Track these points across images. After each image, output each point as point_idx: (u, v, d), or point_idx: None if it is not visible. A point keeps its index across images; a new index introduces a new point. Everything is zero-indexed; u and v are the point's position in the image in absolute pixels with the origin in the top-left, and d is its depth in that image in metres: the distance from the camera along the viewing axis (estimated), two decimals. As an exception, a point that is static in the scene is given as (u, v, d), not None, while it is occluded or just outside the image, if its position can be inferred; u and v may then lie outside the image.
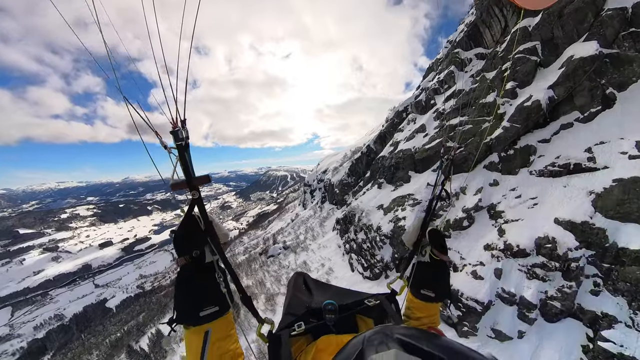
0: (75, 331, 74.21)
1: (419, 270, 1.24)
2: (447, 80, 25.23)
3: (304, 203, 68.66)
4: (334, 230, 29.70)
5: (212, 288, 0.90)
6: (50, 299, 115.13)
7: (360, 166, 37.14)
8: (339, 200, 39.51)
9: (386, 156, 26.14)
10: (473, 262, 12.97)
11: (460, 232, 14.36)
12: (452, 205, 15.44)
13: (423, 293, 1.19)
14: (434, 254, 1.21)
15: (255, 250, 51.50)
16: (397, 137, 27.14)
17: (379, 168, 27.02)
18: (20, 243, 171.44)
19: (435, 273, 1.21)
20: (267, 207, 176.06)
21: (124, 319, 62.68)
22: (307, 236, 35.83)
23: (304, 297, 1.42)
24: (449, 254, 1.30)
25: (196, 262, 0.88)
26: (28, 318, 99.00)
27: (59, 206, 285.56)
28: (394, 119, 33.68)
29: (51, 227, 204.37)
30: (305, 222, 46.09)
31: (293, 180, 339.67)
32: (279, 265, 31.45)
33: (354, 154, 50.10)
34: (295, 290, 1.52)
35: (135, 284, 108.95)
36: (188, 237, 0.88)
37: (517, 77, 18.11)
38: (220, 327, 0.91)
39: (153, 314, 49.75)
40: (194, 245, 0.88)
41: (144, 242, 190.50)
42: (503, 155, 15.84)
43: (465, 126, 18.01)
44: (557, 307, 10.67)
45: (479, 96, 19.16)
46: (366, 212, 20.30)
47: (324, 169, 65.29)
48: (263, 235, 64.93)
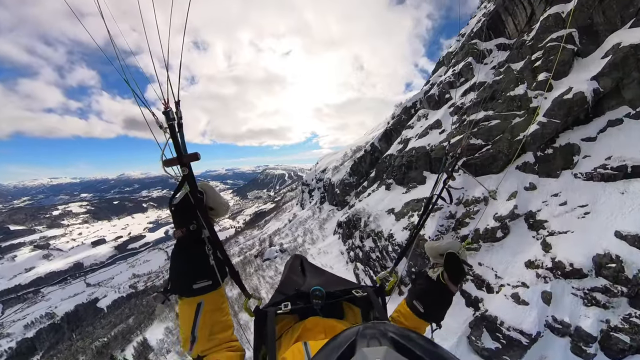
0: (67, 330, 72.80)
1: (421, 281, 1.20)
2: (464, 72, 23.02)
3: (302, 203, 66.21)
4: (335, 234, 27.33)
5: (206, 262, 0.91)
6: (42, 296, 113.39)
7: (363, 165, 34.84)
8: (339, 201, 37.18)
9: (395, 155, 23.84)
10: (513, 282, 10.73)
11: (492, 244, 12.11)
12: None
13: (414, 304, 1.16)
14: (443, 278, 1.13)
15: (250, 251, 49.05)
16: (406, 134, 24.87)
17: (386, 168, 24.72)
18: (11, 239, 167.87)
19: (434, 293, 1.15)
20: (264, 206, 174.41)
21: (112, 321, 60.97)
22: (306, 239, 33.42)
23: (298, 279, 1.42)
24: (481, 270, 1.48)
25: (192, 234, 0.90)
26: (19, 316, 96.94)
27: (51, 203, 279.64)
28: (401, 116, 31.43)
29: (42, 224, 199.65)
30: (304, 224, 43.69)
31: (291, 179, 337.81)
32: (275, 271, 29.03)
33: (356, 153, 47.80)
34: (290, 271, 1.53)
35: (128, 284, 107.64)
36: (187, 210, 0.88)
37: (551, 67, 15.95)
38: (212, 300, 0.94)
39: (142, 318, 47.62)
40: (193, 217, 0.89)
41: (138, 240, 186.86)
42: (540, 155, 13.62)
43: (492, 121, 15.78)
44: (623, 342, 8.54)
45: (505, 88, 16.93)
46: (374, 217, 17.96)
47: (323, 168, 62.90)
48: (259, 236, 62.43)
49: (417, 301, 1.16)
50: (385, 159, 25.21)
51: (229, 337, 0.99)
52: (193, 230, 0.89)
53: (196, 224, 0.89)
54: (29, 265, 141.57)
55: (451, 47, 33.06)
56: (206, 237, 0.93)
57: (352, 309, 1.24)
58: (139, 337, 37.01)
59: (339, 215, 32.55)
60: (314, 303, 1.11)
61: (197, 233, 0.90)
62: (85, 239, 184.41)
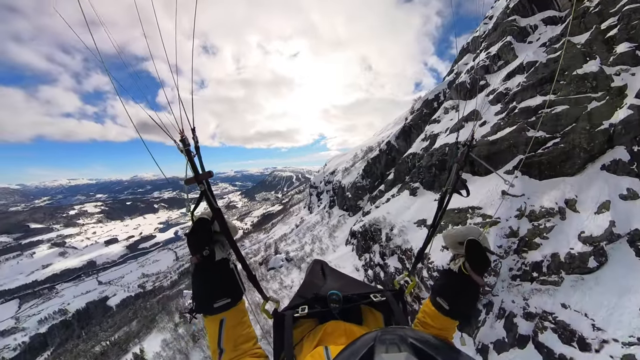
0: (77, 328, 73.76)
1: (443, 277, 1.15)
2: (502, 54, 19.27)
3: (309, 206, 63.07)
4: (347, 244, 23.91)
5: (223, 282, 0.99)
6: (56, 293, 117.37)
7: (378, 166, 31.31)
8: (351, 206, 33.73)
9: (419, 153, 20.28)
10: (623, 338, 7.13)
11: (582, 277, 8.47)
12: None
13: (438, 301, 1.10)
14: (465, 268, 1.06)
15: (255, 257, 46.33)
16: (432, 130, 21.26)
17: (408, 169, 21.19)
18: (30, 237, 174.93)
19: (458, 287, 1.08)
20: (271, 208, 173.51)
21: (117, 323, 60.85)
22: (314, 248, 30.15)
23: (318, 282, 1.41)
24: (567, 316, 1.50)
25: (207, 259, 0.97)
26: (34, 311, 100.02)
27: (68, 202, 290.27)
28: (422, 110, 27.77)
29: (60, 223, 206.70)
30: (312, 229, 40.45)
31: (298, 181, 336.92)
32: (280, 284, 25.89)
33: (368, 153, 44.21)
34: (310, 275, 1.56)
35: (137, 283, 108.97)
36: (199, 238, 0.97)
37: (635, 35, 12.15)
38: (233, 316, 1.00)
39: (144, 322, 45.83)
40: (205, 244, 0.97)
41: (149, 240, 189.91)
42: (637, 150, 9.87)
43: (557, 108, 12.07)
44: None
45: (569, 66, 13.18)
46: (399, 229, 14.49)
47: (332, 169, 59.52)
48: (265, 240, 59.75)
49: (440, 298, 1.09)
50: (407, 159, 21.67)
51: (252, 347, 1.02)
52: (207, 255, 0.97)
53: (208, 249, 0.97)
54: (45, 262, 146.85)
55: (477, 32, 29.38)
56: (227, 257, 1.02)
57: (373, 314, 1.19)
58: (137, 346, 34.98)
59: (351, 222, 29.12)
60: (331, 307, 1.09)
61: (210, 257, 0.98)
62: (99, 238, 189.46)
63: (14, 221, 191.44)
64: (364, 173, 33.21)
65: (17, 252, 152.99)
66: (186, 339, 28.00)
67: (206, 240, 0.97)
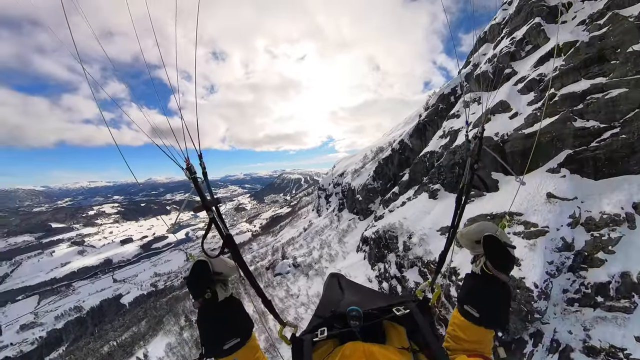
0: (90, 325, 76.57)
1: (467, 282, 1.06)
2: (530, 37, 17.20)
3: (318, 209, 61.60)
4: (358, 251, 22.19)
5: (230, 321, 0.97)
6: (73, 290, 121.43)
7: (390, 167, 29.44)
8: (362, 210, 31.96)
9: (437, 152, 18.41)
10: None
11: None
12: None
13: (466, 309, 1.00)
14: (487, 268, 0.98)
15: (262, 261, 45.34)
16: (450, 125, 19.34)
17: (425, 169, 19.34)
18: (51, 236, 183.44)
19: (484, 290, 0.99)
20: (280, 210, 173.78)
21: (126, 323, 61.93)
22: (323, 254, 28.57)
23: (335, 296, 1.36)
24: None
25: (210, 302, 0.95)
26: (52, 307, 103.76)
27: (88, 203, 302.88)
28: (438, 105, 25.78)
29: (79, 223, 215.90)
30: (320, 234, 38.91)
31: (307, 183, 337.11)
32: (287, 292, 24.49)
33: (378, 154, 42.32)
34: (327, 290, 1.45)
35: (149, 282, 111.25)
36: (199, 281, 0.94)
37: None
38: (245, 354, 0.98)
39: (152, 323, 46.06)
40: (205, 286, 0.95)
41: (161, 241, 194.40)
42: None
43: (610, 92, 10.04)
44: None
45: (620, 43, 11.09)
46: (420, 237, 12.72)
47: (341, 171, 57.87)
48: (273, 244, 58.76)
49: (468, 305, 0.99)
50: (424, 158, 19.80)
51: None
52: (208, 299, 0.95)
53: (210, 291, 0.95)
54: (65, 260, 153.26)
55: (495, 19, 27.23)
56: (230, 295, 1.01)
57: (396, 328, 1.07)
58: (142, 350, 34.79)
59: (362, 227, 27.40)
60: (352, 325, 1.02)
61: (213, 299, 0.95)
62: (115, 237, 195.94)
63: (37, 221, 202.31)
64: (375, 174, 31.41)
65: (39, 251, 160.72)
66: (190, 344, 27.38)
67: (206, 283, 0.95)
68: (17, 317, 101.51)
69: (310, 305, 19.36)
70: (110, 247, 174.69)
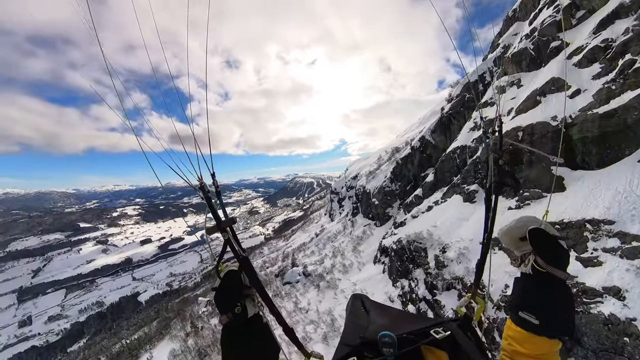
0: (109, 320, 79.35)
1: (519, 285, 0.93)
2: (582, 1, 14.19)
3: (330, 213, 59.15)
4: (376, 262, 19.51)
5: (259, 344, 0.87)
6: (96, 286, 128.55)
7: (409, 167, 26.58)
8: (378, 214, 29.16)
9: (470, 146, 15.61)
10: None
11: None
12: None
13: (522, 317, 0.86)
14: (539, 265, 0.86)
15: (272, 267, 43.61)
16: (485, 114, 16.47)
17: (455, 167, 16.55)
18: (79, 235, 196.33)
19: (540, 291, 0.85)
20: (292, 214, 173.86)
21: (139, 322, 63.79)
22: (335, 262, 26.06)
23: (361, 321, 1.20)
24: None
25: (239, 318, 0.86)
26: (77, 301, 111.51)
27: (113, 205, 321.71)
28: (464, 95, 22.83)
29: (104, 223, 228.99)
30: (333, 240, 36.44)
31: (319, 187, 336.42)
32: (295, 305, 22.24)
33: (394, 154, 39.39)
34: (351, 314, 1.30)
35: (165, 282, 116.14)
36: (230, 293, 0.87)
37: None
38: None
39: (157, 328, 45.94)
40: (237, 300, 0.86)
41: (178, 242, 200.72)
42: None
43: None
44: None
45: None
46: (458, 252, 10.04)
47: (354, 174, 55.15)
48: (284, 249, 56.96)
49: (523, 312, 0.87)
50: (453, 155, 16.99)
51: None
52: (238, 313, 0.85)
53: (240, 305, 0.85)
54: (90, 258, 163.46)
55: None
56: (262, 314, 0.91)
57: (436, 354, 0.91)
58: (147, 353, 34.20)
59: (379, 234, 24.66)
60: (385, 352, 0.85)
61: (243, 314, 0.85)
62: (136, 237, 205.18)
63: (67, 221, 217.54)
64: (392, 176, 28.61)
65: (67, 248, 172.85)
66: (193, 353, 25.98)
67: (238, 296, 0.86)
68: (46, 308, 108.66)
69: (320, 323, 16.94)
70: (131, 247, 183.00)
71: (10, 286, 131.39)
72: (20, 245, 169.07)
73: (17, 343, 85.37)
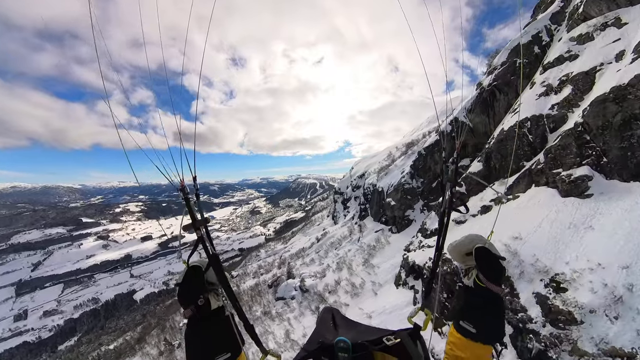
0: (102, 318, 78.86)
1: (460, 297, 1.05)
2: None
3: (333, 215, 53.75)
4: (398, 285, 13.96)
5: (221, 335, 0.91)
6: (94, 282, 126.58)
7: (437, 158, 21.20)
8: (394, 218, 23.64)
9: (550, 114, 10.28)
10: None
11: None
12: None
13: (462, 326, 0.97)
14: (480, 280, 0.98)
15: (267, 274, 38.51)
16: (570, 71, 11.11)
17: (522, 148, 11.14)
18: (81, 229, 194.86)
19: (479, 303, 0.97)
20: (294, 215, 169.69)
21: (124, 326, 60.99)
22: (341, 279, 20.54)
23: (326, 332, 1.28)
24: None
25: (202, 310, 0.91)
26: (73, 296, 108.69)
27: (116, 201, 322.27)
28: (514, 61, 17.43)
29: (107, 219, 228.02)
30: (337, 247, 30.97)
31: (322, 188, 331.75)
32: (286, 335, 16.90)
33: (411, 147, 33.91)
34: (319, 325, 1.39)
35: (162, 280, 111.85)
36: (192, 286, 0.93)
37: None
38: None
39: (142, 334, 42.23)
40: (199, 293, 0.92)
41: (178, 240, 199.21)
42: None
43: None
44: None
45: None
46: (601, 289, 4.61)
47: (361, 172, 49.67)
48: (281, 253, 51.71)
49: (464, 321, 0.97)
50: (520, 131, 11.51)
51: None
52: (201, 305, 0.90)
53: (203, 298, 0.91)
54: (90, 253, 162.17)
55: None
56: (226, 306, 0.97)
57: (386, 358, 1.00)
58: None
59: (397, 243, 19.13)
60: (340, 357, 0.94)
61: (206, 307, 0.91)
62: (137, 234, 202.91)
63: (70, 215, 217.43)
64: (412, 170, 23.16)
65: (69, 242, 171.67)
66: None
67: (200, 289, 0.92)
68: (43, 302, 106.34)
69: None
70: (132, 244, 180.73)
71: (9, 279, 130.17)
72: (23, 238, 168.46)
73: (11, 337, 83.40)
